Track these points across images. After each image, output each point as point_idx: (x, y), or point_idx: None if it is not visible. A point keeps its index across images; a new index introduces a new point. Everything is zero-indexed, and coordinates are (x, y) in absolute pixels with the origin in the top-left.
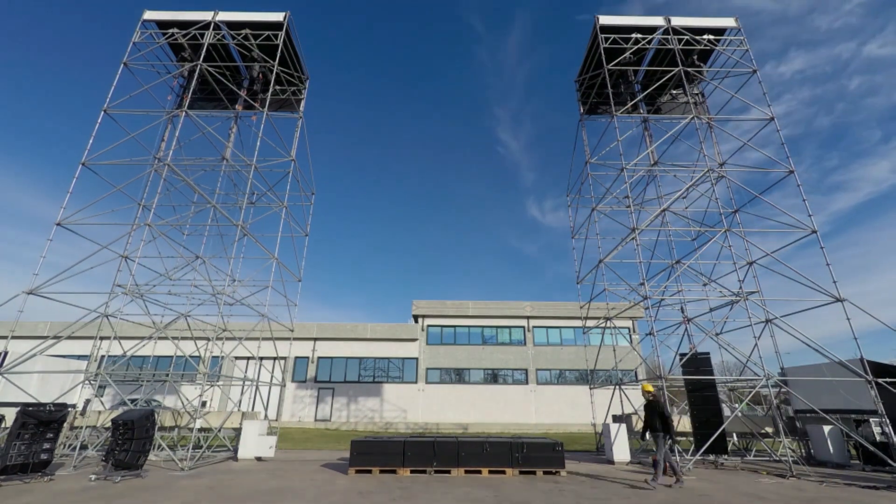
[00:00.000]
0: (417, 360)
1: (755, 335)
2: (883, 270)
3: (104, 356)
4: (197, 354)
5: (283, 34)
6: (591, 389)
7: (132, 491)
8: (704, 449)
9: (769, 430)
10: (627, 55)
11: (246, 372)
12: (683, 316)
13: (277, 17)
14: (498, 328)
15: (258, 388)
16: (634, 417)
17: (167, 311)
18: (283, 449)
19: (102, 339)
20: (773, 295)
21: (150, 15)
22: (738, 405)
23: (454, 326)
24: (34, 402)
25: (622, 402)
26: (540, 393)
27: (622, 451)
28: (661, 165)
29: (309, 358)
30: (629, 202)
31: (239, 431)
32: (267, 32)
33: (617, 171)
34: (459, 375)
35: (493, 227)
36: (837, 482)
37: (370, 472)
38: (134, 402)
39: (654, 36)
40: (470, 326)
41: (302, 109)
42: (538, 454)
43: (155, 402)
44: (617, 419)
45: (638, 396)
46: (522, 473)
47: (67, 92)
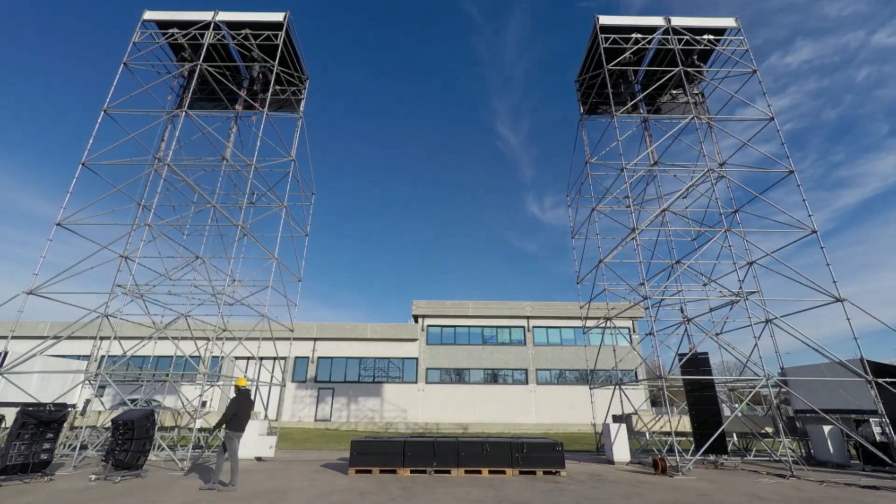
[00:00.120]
0: (417, 360)
1: (755, 335)
2: (887, 269)
3: (104, 356)
4: (197, 354)
5: (283, 34)
6: (591, 389)
7: (132, 491)
8: (704, 449)
9: (769, 430)
10: (627, 55)
11: (246, 372)
12: (683, 316)
13: (277, 17)
14: (498, 328)
15: (258, 388)
16: (634, 417)
17: (167, 311)
18: (283, 449)
19: (102, 339)
20: (773, 295)
21: (150, 15)
22: (738, 405)
23: (454, 326)
24: (34, 402)
25: (622, 402)
26: (540, 393)
27: (622, 451)
28: (661, 165)
29: (309, 358)
30: (629, 202)
31: None
32: (267, 32)
33: (617, 170)
34: (459, 375)
35: (492, 225)
36: (837, 482)
37: (370, 472)
38: (134, 402)
39: (654, 36)
40: (470, 326)
41: (302, 109)
42: (538, 454)
43: (155, 402)
44: (617, 419)
45: (639, 396)
46: (522, 473)
47: (67, 92)
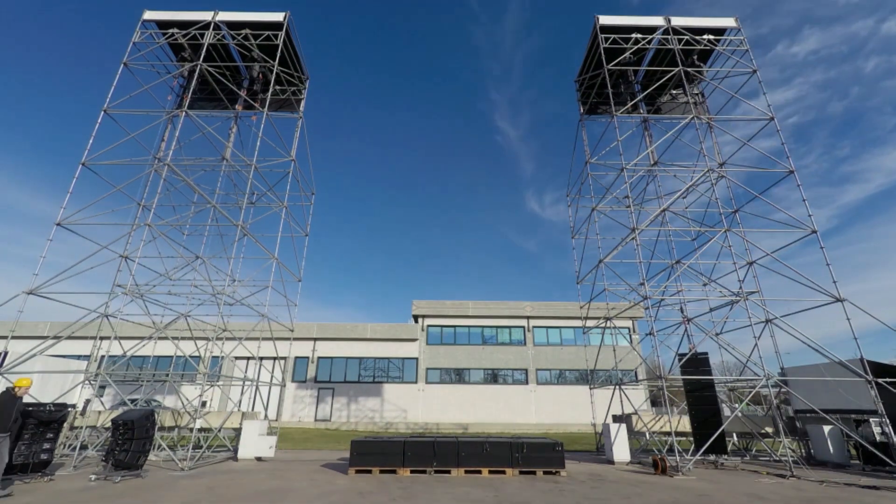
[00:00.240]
0: (417, 360)
1: (755, 335)
2: (889, 268)
3: (104, 356)
4: (197, 354)
5: (283, 34)
6: (591, 389)
7: (132, 491)
8: (704, 449)
9: (769, 430)
10: (627, 55)
11: (246, 372)
12: (683, 316)
13: (277, 17)
14: (498, 328)
15: (258, 388)
16: (634, 417)
17: (167, 311)
18: (283, 449)
19: (102, 339)
20: (773, 295)
21: (150, 15)
22: (738, 405)
23: (454, 326)
24: (34, 402)
25: (622, 402)
26: (540, 393)
27: (622, 450)
28: (661, 165)
29: (309, 358)
30: (629, 202)
31: (239, 431)
32: (267, 32)
33: (617, 170)
34: (459, 375)
35: (492, 223)
36: (837, 482)
37: (370, 472)
38: (134, 402)
39: (654, 36)
40: (470, 326)
41: (302, 109)
42: (538, 454)
43: (155, 402)
44: (617, 419)
45: (639, 396)
46: (522, 473)
47: (67, 92)
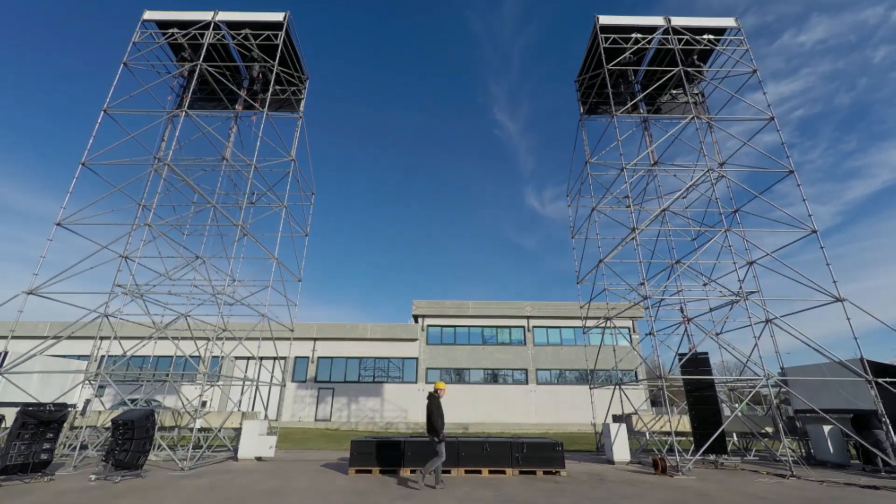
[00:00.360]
0: (417, 360)
1: (755, 335)
2: (891, 266)
3: (104, 356)
4: (197, 354)
5: (282, 34)
6: (591, 389)
7: (132, 491)
8: (704, 449)
9: (769, 430)
10: (627, 55)
11: (246, 372)
12: (683, 316)
13: (277, 17)
14: (498, 328)
15: (258, 388)
16: (634, 417)
17: (167, 311)
18: (283, 449)
19: (102, 339)
20: (773, 295)
21: (149, 15)
22: (738, 405)
23: (454, 326)
24: (34, 402)
25: (622, 402)
26: (540, 393)
27: (622, 450)
28: (661, 165)
29: (309, 358)
30: (629, 202)
31: (239, 431)
32: (267, 32)
33: (617, 170)
34: (459, 375)
35: (492, 220)
36: (837, 482)
37: (370, 472)
38: (134, 402)
39: (654, 36)
40: (470, 326)
41: (302, 109)
42: (538, 454)
43: (155, 402)
44: (617, 419)
45: (639, 396)
46: (522, 473)
47: (67, 92)
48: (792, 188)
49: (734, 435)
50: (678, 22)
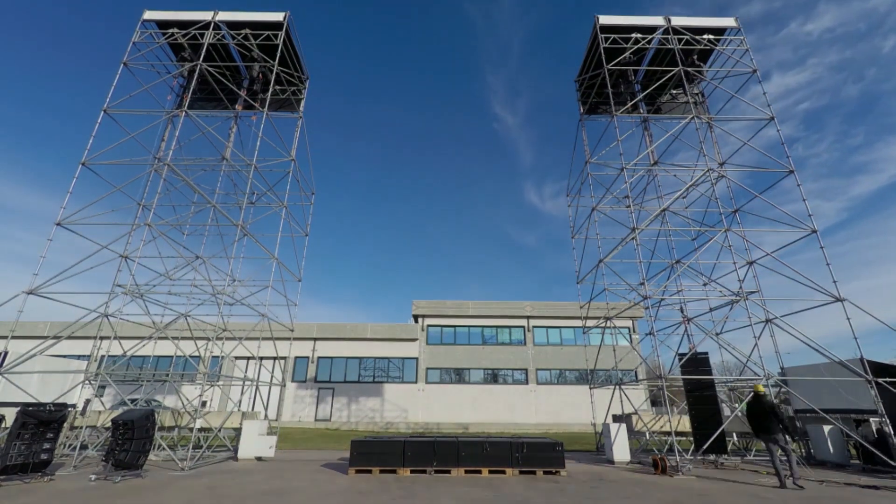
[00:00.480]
0: (417, 360)
1: (755, 335)
2: (892, 264)
3: (104, 356)
4: (197, 354)
5: (282, 34)
6: (591, 389)
7: (132, 491)
8: (704, 449)
9: None
10: (627, 55)
11: (246, 372)
12: (683, 316)
13: (277, 16)
14: (498, 328)
15: (258, 388)
16: (634, 417)
17: (167, 311)
18: (283, 449)
19: (102, 339)
20: (773, 295)
21: (149, 15)
22: (738, 405)
23: (454, 326)
24: (34, 402)
25: (622, 401)
26: (540, 393)
27: (622, 450)
28: (661, 165)
29: (309, 358)
30: (629, 202)
31: (239, 431)
32: (267, 32)
33: (617, 170)
34: (459, 375)
35: (491, 218)
36: (837, 482)
37: (370, 472)
38: (134, 402)
39: (654, 36)
40: (470, 326)
41: (302, 109)
42: (538, 454)
43: (155, 402)
44: (617, 419)
45: (639, 396)
46: (522, 473)
47: (67, 92)
48: (793, 185)
49: (734, 435)
50: (678, 22)
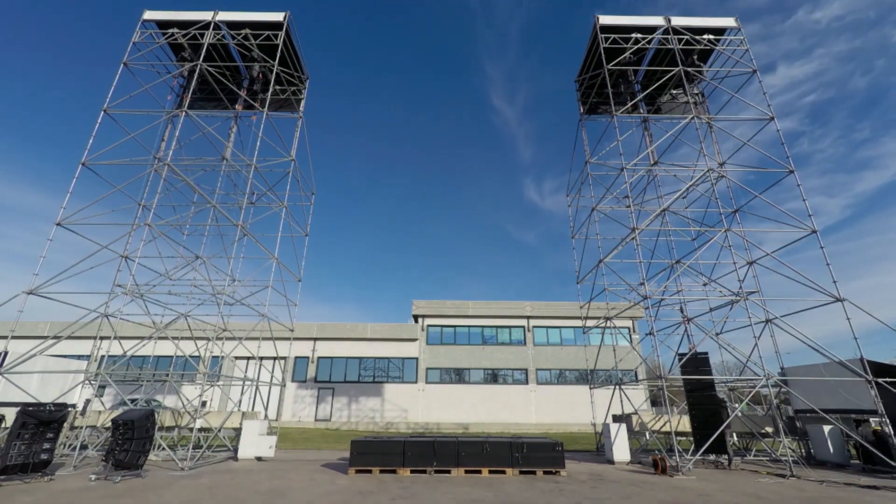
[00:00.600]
0: (417, 360)
1: (755, 335)
2: (893, 263)
3: (104, 356)
4: (197, 354)
5: (282, 34)
6: (591, 389)
7: (132, 491)
8: (704, 449)
9: (769, 429)
10: (627, 55)
11: (246, 372)
12: (683, 316)
13: (277, 17)
14: (498, 328)
15: (258, 388)
16: (634, 417)
17: (167, 311)
18: (283, 449)
19: (102, 339)
20: (773, 294)
21: (150, 15)
22: (738, 405)
23: (454, 326)
24: (34, 402)
25: (622, 402)
26: (540, 393)
27: (622, 450)
28: (661, 165)
29: (309, 358)
30: (629, 202)
31: (239, 431)
32: (267, 32)
33: (617, 170)
34: (459, 375)
35: (491, 215)
36: (837, 482)
37: (370, 472)
38: (134, 402)
39: (654, 36)
40: (470, 326)
41: (302, 109)
42: (538, 454)
43: (155, 402)
44: (617, 419)
45: (639, 396)
46: (522, 473)
47: (67, 92)
48: (795, 184)
49: (734, 435)
50: (678, 22)
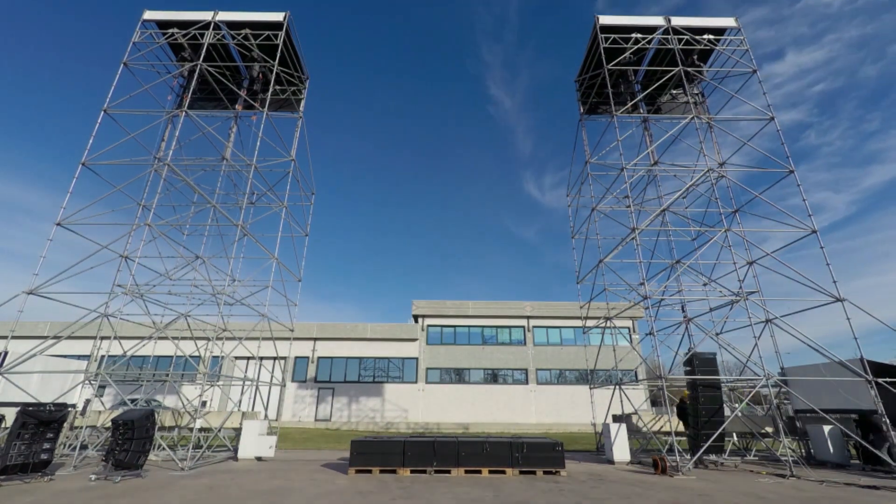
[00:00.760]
0: (417, 360)
1: (755, 335)
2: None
3: (104, 356)
4: (197, 354)
5: (283, 34)
6: (591, 389)
7: (132, 491)
8: (704, 449)
9: (769, 429)
10: (627, 55)
11: (246, 372)
12: (684, 316)
13: (277, 17)
14: (498, 328)
15: (258, 388)
16: (634, 417)
17: (167, 311)
18: (283, 449)
19: (102, 339)
20: (773, 294)
21: (150, 15)
22: (738, 405)
23: (454, 326)
24: (34, 402)
25: (622, 401)
26: (540, 393)
27: (622, 450)
28: (661, 165)
29: (309, 358)
30: (629, 202)
31: (239, 431)
32: (267, 32)
33: (617, 170)
34: (459, 375)
35: (491, 213)
36: (837, 482)
37: (370, 472)
38: (134, 402)
39: (654, 36)
40: (470, 326)
41: (302, 109)
42: (538, 454)
43: (155, 402)
44: (617, 419)
45: (639, 396)
46: (522, 473)
47: (67, 92)
48: (796, 182)
49: (734, 435)
50: (678, 22)
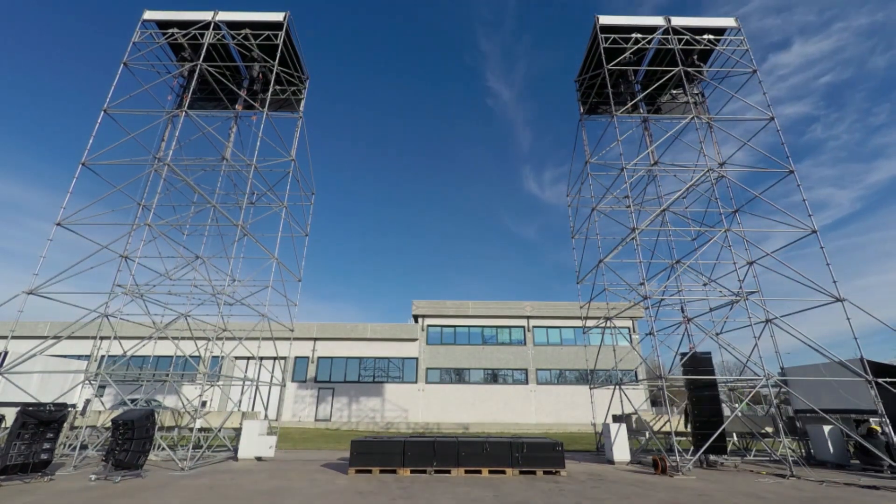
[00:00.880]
0: (417, 360)
1: (755, 335)
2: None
3: (104, 356)
4: (197, 354)
5: (283, 34)
6: (591, 389)
7: (132, 491)
8: (704, 449)
9: (769, 430)
10: (627, 55)
11: (246, 372)
12: (683, 316)
13: (277, 17)
14: (498, 328)
15: (258, 388)
16: (634, 417)
17: (167, 311)
18: (283, 449)
19: (102, 339)
20: (773, 295)
21: (150, 15)
22: (738, 405)
23: (454, 326)
24: (34, 402)
25: (622, 402)
26: (540, 393)
27: (622, 451)
28: (661, 165)
29: (309, 358)
30: (629, 202)
31: (239, 431)
32: (267, 32)
33: (617, 171)
34: (459, 375)
35: (490, 210)
36: (837, 482)
37: (370, 472)
38: (134, 402)
39: (654, 36)
40: (470, 326)
41: (302, 109)
42: (538, 454)
43: (155, 402)
44: (617, 419)
45: (639, 396)
46: (522, 473)
47: (67, 92)
48: (802, 176)
49: (734, 435)
50: (678, 22)
